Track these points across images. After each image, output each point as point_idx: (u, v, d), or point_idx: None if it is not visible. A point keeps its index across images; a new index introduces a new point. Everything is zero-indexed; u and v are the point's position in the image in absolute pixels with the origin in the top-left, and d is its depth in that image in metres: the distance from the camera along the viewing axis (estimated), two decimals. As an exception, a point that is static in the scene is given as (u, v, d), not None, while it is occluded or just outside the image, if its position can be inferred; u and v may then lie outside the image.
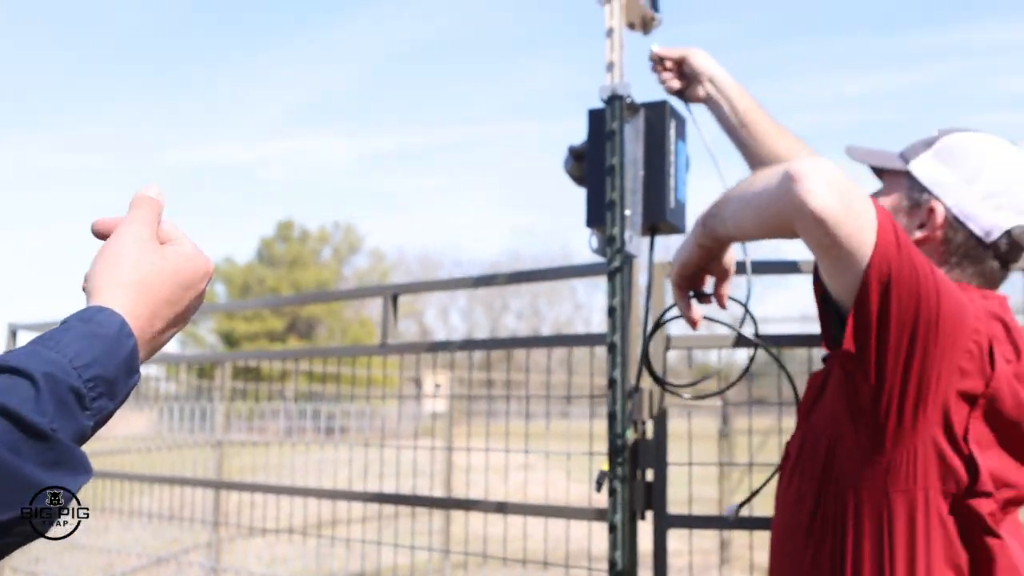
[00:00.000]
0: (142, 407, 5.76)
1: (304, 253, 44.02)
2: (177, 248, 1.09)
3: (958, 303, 1.54)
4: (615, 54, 2.33)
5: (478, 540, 3.25)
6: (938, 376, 1.52)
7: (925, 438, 1.54)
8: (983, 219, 1.71)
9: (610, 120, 2.31)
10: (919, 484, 1.55)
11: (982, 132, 1.81)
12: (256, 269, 43.48)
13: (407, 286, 3.24)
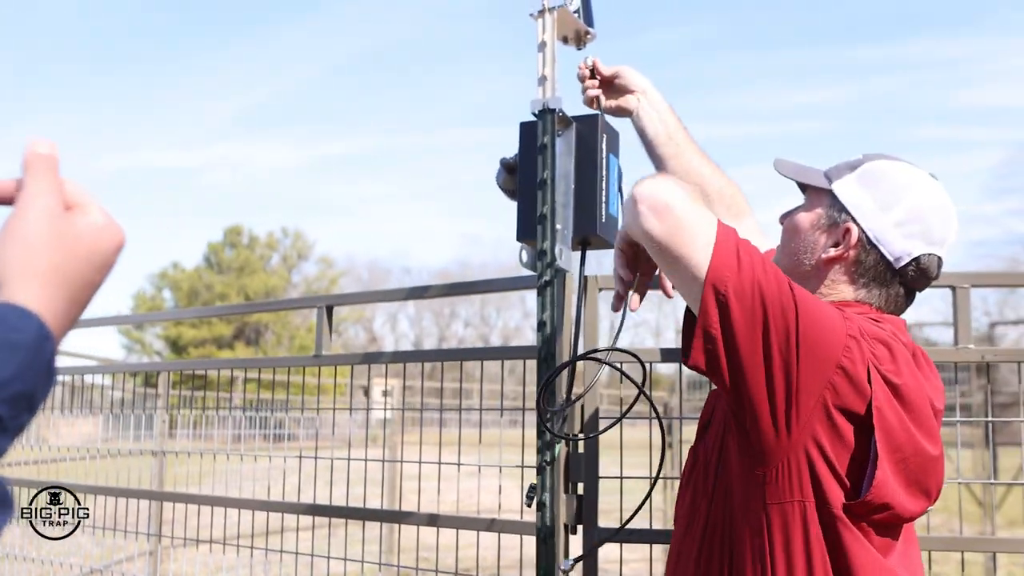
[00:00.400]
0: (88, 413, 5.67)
1: (252, 259, 43.66)
2: (89, 220, 0.94)
3: (823, 319, 1.59)
4: (547, 68, 2.34)
5: (425, 548, 3.23)
6: (806, 391, 1.56)
7: (799, 452, 1.58)
8: (894, 245, 1.77)
9: (541, 134, 2.31)
10: (794, 497, 1.59)
11: (904, 161, 1.86)
12: (204, 274, 43.07)
13: (341, 297, 3.21)
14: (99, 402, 5.87)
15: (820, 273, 1.83)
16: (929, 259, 1.79)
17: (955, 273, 2.55)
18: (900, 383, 1.62)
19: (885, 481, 1.58)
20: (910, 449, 1.62)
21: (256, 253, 44.21)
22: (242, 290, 41.65)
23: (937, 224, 1.79)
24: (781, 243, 1.94)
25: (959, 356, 2.51)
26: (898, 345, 1.69)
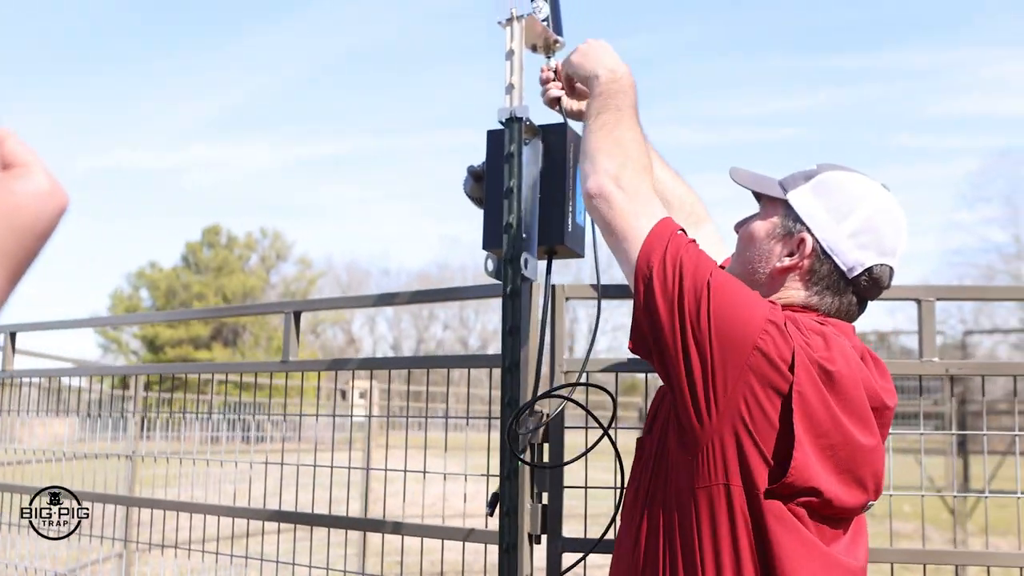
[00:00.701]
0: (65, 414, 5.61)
1: (231, 259, 43.43)
2: (32, 185, 0.83)
3: (739, 303, 1.65)
4: (515, 76, 2.33)
5: (398, 553, 3.21)
6: (723, 373, 1.61)
7: (724, 435, 1.62)
8: (848, 255, 1.81)
9: (508, 142, 2.30)
10: (719, 480, 1.63)
11: (858, 172, 1.89)
12: (182, 274, 42.84)
13: (308, 303, 3.20)
14: (74, 403, 5.82)
15: (774, 281, 1.86)
16: (881, 269, 1.83)
17: (920, 286, 2.55)
18: (834, 370, 1.65)
19: (806, 463, 1.61)
20: (838, 436, 1.65)
21: (234, 253, 43.98)
22: (220, 290, 41.44)
23: (889, 235, 1.83)
24: (736, 251, 1.97)
25: (924, 369, 2.51)
26: (838, 339, 1.72)
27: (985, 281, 42.34)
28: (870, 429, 1.71)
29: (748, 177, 1.98)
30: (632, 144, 1.93)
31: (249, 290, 42.36)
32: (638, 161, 1.90)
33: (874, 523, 2.06)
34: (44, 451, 5.67)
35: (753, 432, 1.61)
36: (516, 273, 2.28)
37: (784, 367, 1.61)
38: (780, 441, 1.61)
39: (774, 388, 1.61)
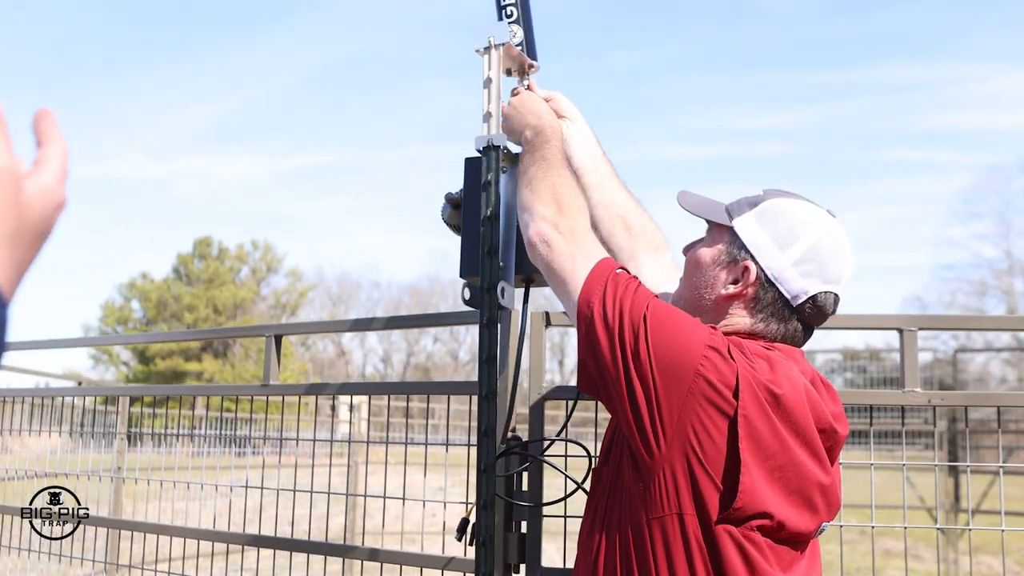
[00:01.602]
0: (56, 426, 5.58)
1: (222, 271, 43.41)
2: (40, 183, 0.85)
3: (677, 331, 1.66)
4: (492, 104, 2.31)
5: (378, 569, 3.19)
6: (667, 402, 1.62)
7: (676, 464, 1.62)
8: (792, 284, 1.82)
9: (486, 171, 2.28)
10: (672, 510, 1.63)
11: (803, 199, 1.90)
12: (172, 285, 42.79)
13: (289, 327, 3.19)
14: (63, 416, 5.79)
15: (720, 308, 1.87)
16: (826, 297, 1.84)
17: (903, 316, 2.54)
18: (781, 393, 1.65)
19: (754, 487, 1.61)
20: (785, 458, 1.66)
21: (225, 265, 43.96)
22: (211, 302, 41.41)
23: (833, 263, 1.84)
24: (684, 275, 1.99)
25: (907, 400, 2.50)
26: (784, 363, 1.73)
27: (977, 296, 42.54)
28: (818, 452, 1.72)
29: (695, 202, 2.00)
30: (564, 189, 1.96)
31: (240, 302, 42.34)
32: (572, 204, 1.93)
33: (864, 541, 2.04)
34: (27, 470, 5.65)
35: (703, 459, 1.61)
36: (493, 302, 2.26)
37: (728, 392, 1.61)
38: (729, 466, 1.62)
39: (720, 413, 1.61)
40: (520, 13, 2.35)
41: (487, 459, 2.26)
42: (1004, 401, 2.58)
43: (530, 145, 2.11)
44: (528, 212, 1.95)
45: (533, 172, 2.02)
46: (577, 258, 1.83)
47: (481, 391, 2.28)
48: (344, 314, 52.07)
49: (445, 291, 53.76)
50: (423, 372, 50.35)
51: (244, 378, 35.19)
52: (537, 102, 2.22)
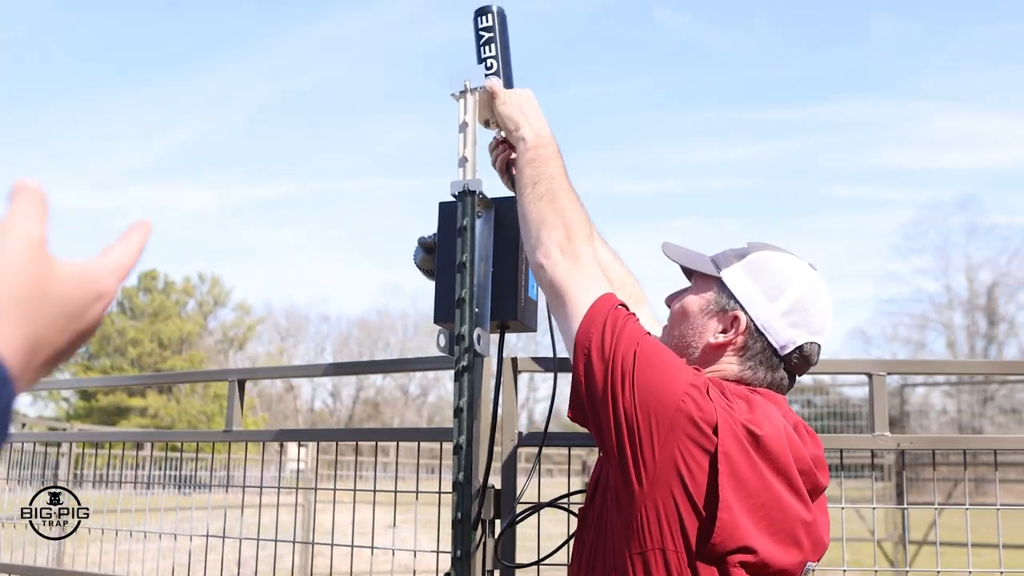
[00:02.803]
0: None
1: (168, 304, 42.83)
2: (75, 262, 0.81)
3: (662, 368, 1.69)
4: (468, 149, 2.30)
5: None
6: (648, 438, 1.64)
7: (659, 500, 1.64)
8: (781, 334, 1.86)
9: (461, 216, 2.27)
10: (654, 545, 1.65)
11: (787, 252, 1.96)
12: (116, 319, 42.16)
13: (253, 371, 3.13)
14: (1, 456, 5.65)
15: (707, 356, 1.90)
16: (811, 347, 1.89)
17: (872, 360, 2.56)
18: (761, 434, 1.67)
19: (733, 523, 1.62)
20: (767, 496, 1.67)
21: (172, 298, 43.41)
22: (156, 336, 40.82)
23: (818, 314, 1.89)
24: (669, 325, 2.01)
25: (876, 443, 2.51)
26: (764, 405, 1.76)
27: (918, 330, 43.15)
28: (799, 490, 1.74)
29: (681, 253, 2.04)
30: (573, 214, 1.96)
31: (186, 336, 41.80)
32: (580, 230, 1.94)
33: None
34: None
35: (685, 495, 1.63)
36: (468, 349, 2.24)
37: (708, 430, 1.63)
38: (710, 503, 1.63)
39: (701, 450, 1.63)
40: (500, 65, 2.34)
41: (462, 509, 2.24)
42: (970, 444, 2.61)
43: (533, 155, 2.08)
44: (535, 233, 1.95)
45: (541, 190, 2.00)
46: (580, 285, 1.84)
47: (456, 440, 2.26)
48: (293, 348, 51.62)
49: (395, 325, 53.55)
50: (372, 407, 49.93)
51: (190, 414, 34.71)
52: (536, 103, 2.21)
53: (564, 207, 1.97)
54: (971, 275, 43.00)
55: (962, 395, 28.15)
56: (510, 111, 2.19)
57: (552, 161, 2.07)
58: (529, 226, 1.98)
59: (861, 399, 16.26)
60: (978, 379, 21.36)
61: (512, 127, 2.17)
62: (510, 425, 2.55)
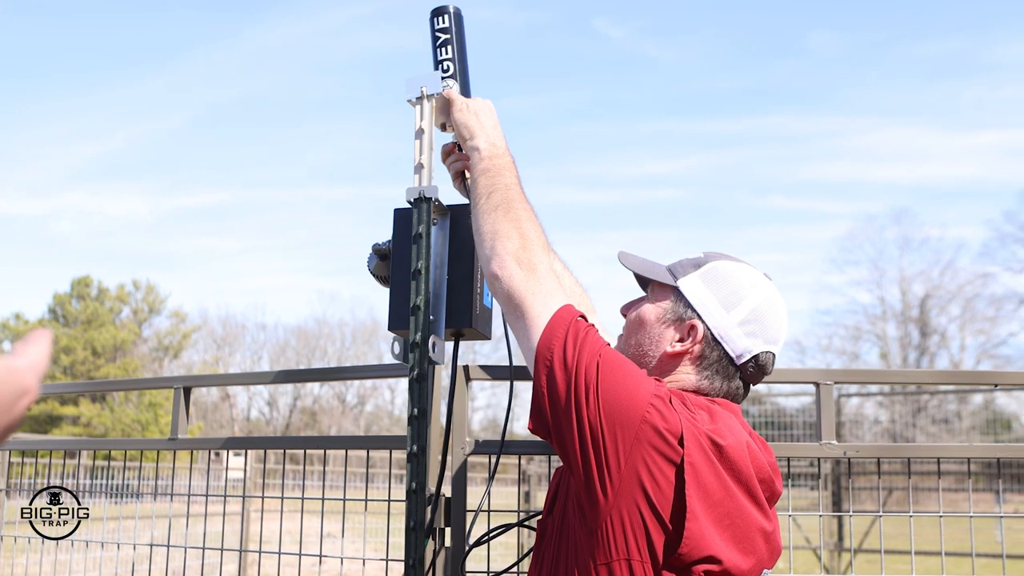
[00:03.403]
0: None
1: (101, 312, 42.09)
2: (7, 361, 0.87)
3: (625, 380, 1.70)
4: (424, 155, 2.30)
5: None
6: (613, 449, 1.65)
7: (624, 511, 1.65)
8: (737, 343, 1.89)
9: (417, 223, 2.27)
10: (620, 555, 1.66)
11: (743, 262, 1.98)
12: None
13: (199, 379, 3.10)
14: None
15: (664, 365, 1.91)
16: (766, 356, 1.92)
17: (819, 370, 2.60)
18: (724, 444, 1.70)
19: (700, 533, 1.64)
20: (731, 506, 1.70)
21: (105, 306, 42.68)
22: (89, 343, 40.10)
23: (774, 324, 1.92)
24: (625, 333, 2.02)
25: (823, 452, 2.55)
26: (725, 416, 1.79)
27: (852, 341, 43.79)
28: (759, 500, 1.77)
29: (637, 263, 2.05)
30: (529, 225, 1.97)
31: (120, 344, 41.11)
32: (536, 241, 1.94)
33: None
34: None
35: (650, 506, 1.64)
36: (423, 357, 2.24)
37: (674, 440, 1.65)
38: (676, 513, 1.65)
39: (666, 460, 1.64)
40: (456, 67, 2.35)
41: (416, 517, 2.23)
42: (913, 453, 2.65)
43: (488, 164, 2.08)
44: (490, 243, 1.94)
45: (496, 200, 2.00)
46: (538, 296, 1.84)
47: (410, 448, 2.25)
48: (229, 357, 50.97)
49: (333, 334, 53.12)
50: (310, 416, 49.47)
51: (124, 422, 34.10)
52: (493, 113, 2.21)
53: (520, 218, 1.97)
54: (904, 287, 43.78)
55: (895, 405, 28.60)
56: (466, 119, 2.19)
57: (507, 172, 2.07)
58: (484, 236, 1.98)
59: (796, 409, 16.46)
60: (911, 390, 21.73)
61: (467, 135, 2.17)
62: (460, 434, 2.55)
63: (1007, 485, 12.38)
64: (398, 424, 50.55)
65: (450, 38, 2.36)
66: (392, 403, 52.36)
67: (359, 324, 53.39)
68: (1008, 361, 40.87)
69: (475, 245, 2.04)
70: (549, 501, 1.95)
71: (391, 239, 2.40)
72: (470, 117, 2.19)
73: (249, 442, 2.90)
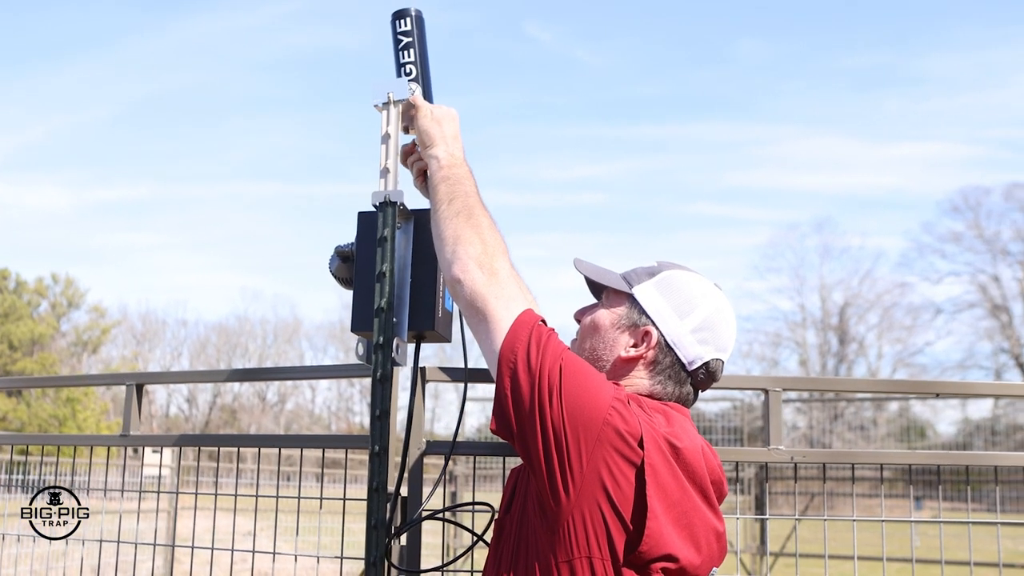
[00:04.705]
0: None
1: (19, 305, 41.15)
2: None
3: (587, 384, 1.75)
4: (390, 160, 2.33)
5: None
6: (576, 450, 1.70)
7: (586, 509, 1.70)
8: (689, 350, 1.95)
9: (382, 226, 2.29)
10: (581, 553, 1.71)
11: (695, 272, 2.05)
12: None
13: (151, 376, 3.09)
14: None
15: (618, 369, 1.97)
16: (716, 363, 1.98)
17: (768, 377, 2.68)
18: (681, 446, 1.77)
19: (660, 532, 1.71)
20: (688, 506, 1.77)
21: (23, 299, 41.77)
22: (5, 337, 39.19)
23: (725, 332, 1.99)
24: (579, 338, 2.07)
25: (772, 456, 2.63)
26: (679, 418, 1.86)
27: (772, 347, 44.51)
28: (711, 501, 1.85)
29: (592, 269, 2.10)
30: (489, 231, 2.01)
31: (38, 338, 40.24)
32: (498, 246, 1.99)
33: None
34: None
35: (611, 505, 1.69)
36: (387, 358, 2.26)
37: (634, 442, 1.70)
38: (636, 512, 1.70)
39: (627, 461, 1.70)
40: (419, 71, 2.38)
41: (377, 515, 2.26)
42: (858, 459, 2.75)
43: (447, 173, 2.13)
44: (452, 248, 1.98)
45: (457, 207, 2.05)
46: (500, 300, 1.89)
47: (373, 447, 2.28)
48: (149, 353, 50.21)
49: (254, 331, 52.64)
50: (230, 413, 48.93)
51: (41, 418, 33.36)
52: (456, 123, 2.25)
53: (480, 223, 2.01)
54: (824, 295, 44.67)
55: (813, 411, 29.11)
56: (429, 127, 2.23)
57: (466, 181, 2.12)
58: (445, 241, 2.02)
59: (715, 414, 16.67)
60: (828, 397, 22.15)
61: (428, 143, 2.21)
62: (417, 433, 2.57)
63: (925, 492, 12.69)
64: (318, 423, 50.16)
65: (412, 41, 2.40)
66: (313, 402, 52.06)
67: (281, 322, 53.05)
68: (924, 370, 41.95)
69: (436, 250, 2.08)
70: (506, 500, 1.99)
71: (354, 241, 2.43)
72: (432, 125, 2.23)
73: (200, 439, 2.89)
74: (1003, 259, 40.75)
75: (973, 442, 23.63)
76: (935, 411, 32.55)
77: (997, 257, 40.83)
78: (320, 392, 51.11)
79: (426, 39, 2.42)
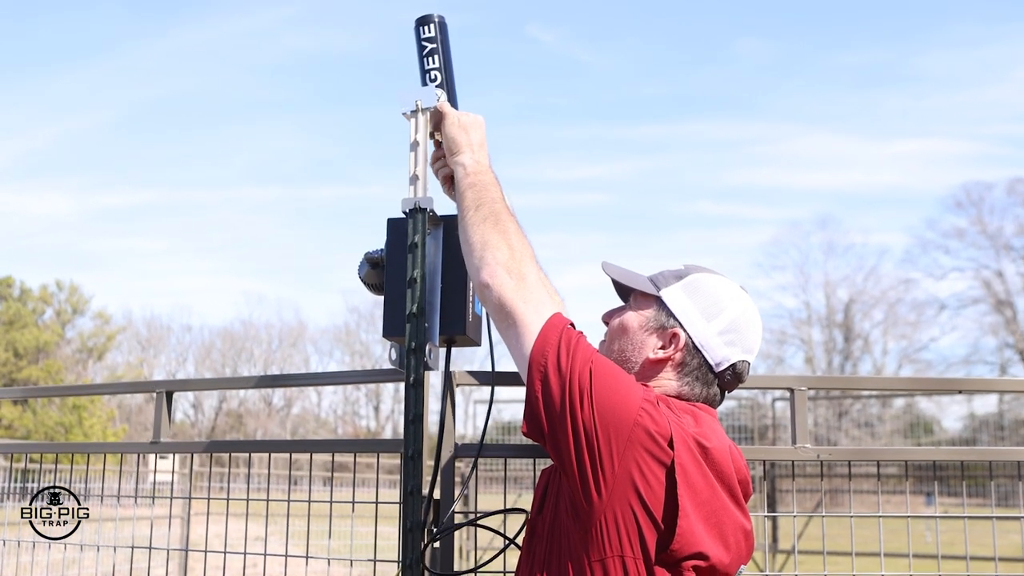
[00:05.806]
0: None
1: (24, 312, 41.17)
2: None
3: (617, 386, 1.78)
4: (419, 167, 2.36)
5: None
6: (607, 451, 1.73)
7: (618, 509, 1.74)
8: (717, 352, 1.98)
9: (412, 233, 2.32)
10: (613, 552, 1.74)
11: (722, 275, 2.08)
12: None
13: (181, 383, 3.11)
14: None
15: (646, 371, 1.99)
16: (743, 364, 2.02)
17: (794, 376, 2.70)
18: (709, 446, 1.80)
19: (691, 530, 1.74)
20: (717, 504, 1.80)
21: (28, 307, 41.77)
22: (11, 345, 39.19)
23: (751, 334, 2.02)
24: (608, 340, 2.10)
25: (798, 455, 2.65)
26: (707, 419, 1.90)
27: (777, 345, 44.47)
28: (739, 499, 1.88)
29: (620, 272, 2.14)
30: (516, 236, 2.05)
31: (43, 345, 40.23)
32: (525, 251, 2.02)
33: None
34: None
35: (642, 505, 1.73)
36: (420, 362, 2.29)
37: (664, 443, 1.73)
38: (667, 511, 1.73)
39: (657, 462, 1.73)
40: (444, 77, 2.41)
41: (413, 518, 2.29)
42: (883, 456, 2.77)
43: (473, 180, 2.17)
44: (480, 253, 2.02)
45: (484, 213, 2.08)
46: (529, 304, 1.92)
47: (407, 451, 2.30)
48: (154, 359, 50.24)
49: (259, 335, 52.61)
50: (236, 418, 48.90)
51: (47, 425, 33.36)
52: (482, 130, 2.29)
53: (508, 229, 2.05)
54: (829, 292, 44.64)
55: (819, 409, 29.12)
56: (456, 134, 2.27)
57: (492, 188, 2.16)
58: (473, 247, 2.05)
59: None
60: (834, 394, 22.16)
61: (454, 150, 2.25)
62: (448, 437, 2.60)
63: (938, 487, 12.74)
64: (324, 427, 50.11)
65: (436, 47, 2.42)
66: (319, 406, 52.01)
67: (285, 326, 53.00)
68: (929, 366, 41.91)
69: (463, 255, 2.11)
70: (538, 501, 2.01)
71: (384, 248, 2.45)
72: (459, 132, 2.27)
73: (233, 445, 2.92)
74: (1006, 254, 40.71)
75: (979, 437, 23.62)
76: (940, 407, 32.55)
77: (1000, 252, 40.79)
78: (326, 396, 51.09)
79: (450, 45, 2.45)
